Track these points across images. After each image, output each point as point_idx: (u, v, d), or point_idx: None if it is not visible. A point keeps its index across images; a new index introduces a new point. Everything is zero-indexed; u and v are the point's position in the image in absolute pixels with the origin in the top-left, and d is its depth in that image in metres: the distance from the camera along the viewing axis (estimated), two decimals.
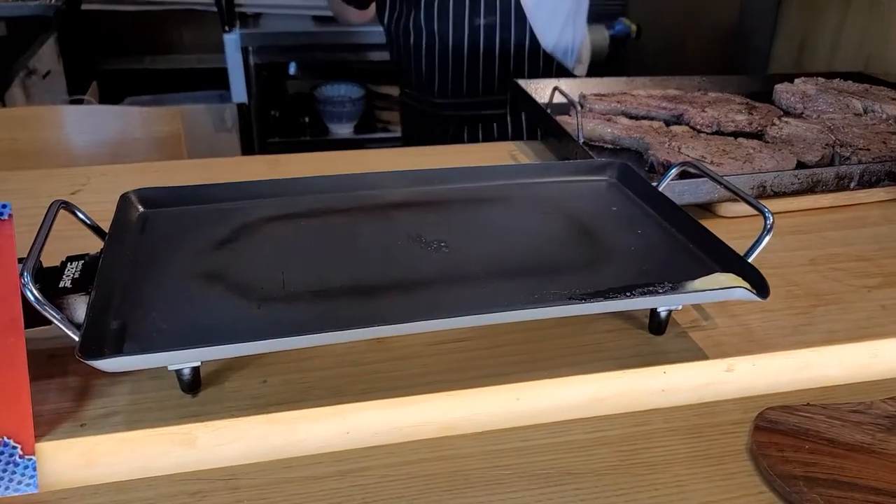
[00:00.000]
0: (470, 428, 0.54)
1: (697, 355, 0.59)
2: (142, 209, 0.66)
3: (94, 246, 0.59)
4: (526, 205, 0.72)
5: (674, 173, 0.72)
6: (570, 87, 1.12)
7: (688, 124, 1.00)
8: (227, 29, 2.21)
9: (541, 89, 1.11)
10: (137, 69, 2.64)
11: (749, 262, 0.58)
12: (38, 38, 2.08)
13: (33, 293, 0.47)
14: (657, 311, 0.59)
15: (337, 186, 0.71)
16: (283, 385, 0.54)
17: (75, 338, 0.47)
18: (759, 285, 0.56)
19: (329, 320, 0.53)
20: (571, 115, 1.00)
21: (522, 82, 1.11)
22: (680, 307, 0.60)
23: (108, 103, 1.50)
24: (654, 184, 0.72)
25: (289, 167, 0.97)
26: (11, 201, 0.49)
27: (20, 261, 0.49)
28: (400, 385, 0.54)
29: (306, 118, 2.58)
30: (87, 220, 0.61)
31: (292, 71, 2.62)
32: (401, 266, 0.60)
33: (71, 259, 0.56)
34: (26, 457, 0.47)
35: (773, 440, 0.50)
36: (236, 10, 2.26)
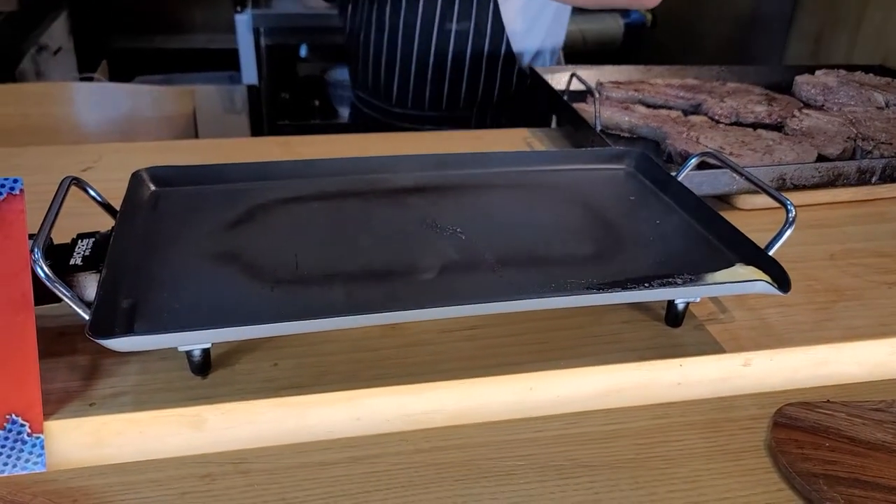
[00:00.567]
0: (483, 417, 0.53)
1: (714, 349, 0.58)
2: (153, 187, 0.65)
3: (104, 223, 0.58)
4: (542, 192, 0.71)
5: (693, 163, 0.71)
6: (587, 74, 1.11)
7: (706, 114, 0.98)
8: (238, 9, 2.19)
9: (557, 77, 1.10)
10: (147, 48, 2.63)
11: (770, 255, 0.57)
12: (49, 14, 2.07)
13: (44, 270, 0.46)
14: (674, 302, 0.58)
15: (352, 169, 0.70)
16: (295, 369, 0.53)
17: (85, 316, 0.46)
18: (781, 279, 0.55)
19: (342, 304, 0.53)
20: (588, 103, 0.99)
21: (540, 69, 1.10)
22: (698, 299, 0.59)
23: (117, 82, 1.49)
24: (673, 174, 0.71)
25: (300, 149, 0.96)
26: (23, 177, 0.48)
27: (31, 237, 0.48)
28: (412, 372, 0.53)
29: (316, 101, 2.57)
30: (98, 198, 0.60)
31: (303, 53, 2.60)
32: (415, 251, 0.59)
33: (82, 236, 0.55)
34: (34, 435, 0.46)
35: (792, 437, 0.49)
36: None
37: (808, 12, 1.71)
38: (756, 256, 0.58)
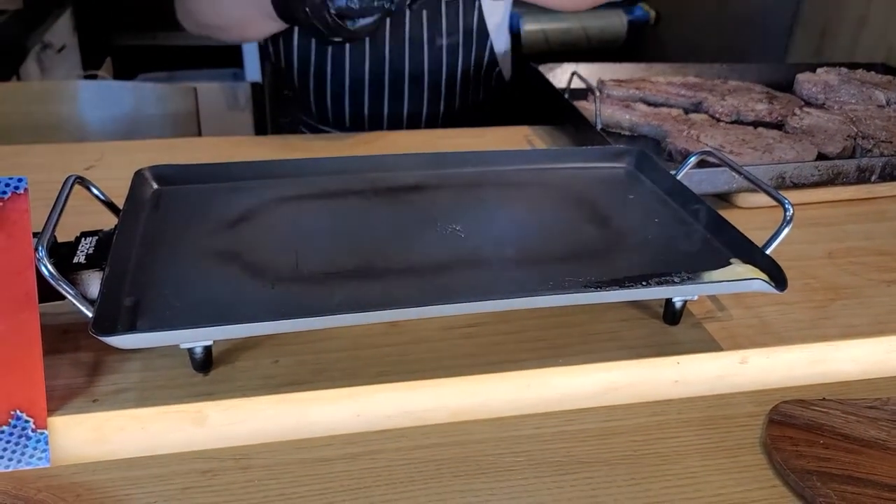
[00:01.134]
0: (482, 414, 0.53)
1: (712, 346, 0.58)
2: (156, 186, 0.66)
3: (108, 222, 0.59)
4: (542, 190, 0.71)
5: (693, 162, 0.71)
6: (587, 72, 1.11)
7: (707, 112, 0.99)
8: None
9: (558, 75, 1.10)
10: (150, 45, 2.63)
11: (767, 253, 0.58)
12: (53, 11, 2.08)
13: (48, 268, 0.47)
14: (672, 300, 0.59)
15: (353, 168, 0.71)
16: (295, 366, 0.54)
17: (89, 314, 0.47)
18: (778, 277, 0.55)
19: (342, 302, 0.53)
20: (589, 101, 0.99)
21: (541, 67, 1.10)
22: (696, 297, 0.59)
23: (121, 79, 1.49)
24: (672, 172, 0.71)
25: (303, 148, 0.96)
26: (27, 175, 0.49)
27: (35, 235, 0.48)
28: (412, 369, 0.54)
29: None
30: (101, 196, 0.61)
31: None
32: (415, 249, 0.60)
33: (85, 235, 0.56)
34: (38, 431, 0.47)
35: (787, 434, 0.50)
36: None
37: (812, 8, 1.70)
38: (753, 255, 0.58)
